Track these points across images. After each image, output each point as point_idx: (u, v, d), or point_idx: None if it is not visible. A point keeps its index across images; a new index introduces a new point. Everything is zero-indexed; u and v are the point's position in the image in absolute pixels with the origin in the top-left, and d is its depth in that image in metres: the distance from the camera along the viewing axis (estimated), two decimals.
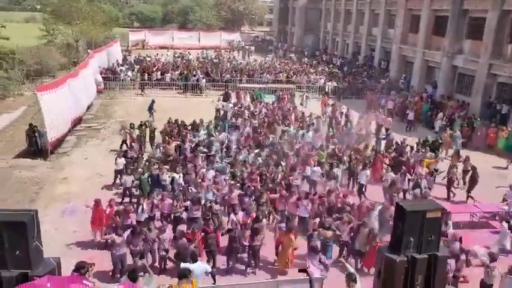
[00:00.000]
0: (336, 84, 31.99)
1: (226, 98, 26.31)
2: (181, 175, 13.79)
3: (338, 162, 15.47)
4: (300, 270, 9.03)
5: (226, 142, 17.53)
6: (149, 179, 13.70)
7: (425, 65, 30.57)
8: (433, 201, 9.79)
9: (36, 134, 17.63)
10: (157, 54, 41.83)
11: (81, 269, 7.65)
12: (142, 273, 7.60)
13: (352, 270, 7.82)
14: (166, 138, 17.58)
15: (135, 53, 44.83)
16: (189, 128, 19.00)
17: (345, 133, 19.64)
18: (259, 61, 40.91)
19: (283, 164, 15.20)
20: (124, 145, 17.91)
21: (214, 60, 40.72)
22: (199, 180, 13.26)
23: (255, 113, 22.10)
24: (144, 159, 15.45)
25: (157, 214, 12.06)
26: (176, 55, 43.18)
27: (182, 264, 8.48)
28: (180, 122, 19.23)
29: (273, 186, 13.22)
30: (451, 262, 9.25)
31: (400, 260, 7.29)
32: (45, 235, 6.74)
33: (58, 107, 18.57)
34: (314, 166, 14.79)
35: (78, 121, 22.37)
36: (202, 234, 10.46)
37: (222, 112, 21.96)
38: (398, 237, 7.42)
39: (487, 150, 20.50)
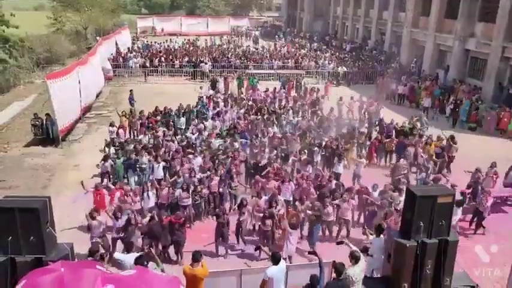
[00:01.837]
0: (345, 70, 31.66)
1: (213, 85, 26.10)
2: (161, 164, 13.58)
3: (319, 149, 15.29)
4: (309, 253, 9.11)
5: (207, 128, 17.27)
6: (125, 163, 13.67)
7: (436, 48, 30.08)
8: (445, 187, 9.75)
9: (48, 123, 17.72)
10: (166, 41, 41.72)
11: (95, 253, 7.79)
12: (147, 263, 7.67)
13: (354, 248, 7.85)
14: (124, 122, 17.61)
15: (144, 40, 44.72)
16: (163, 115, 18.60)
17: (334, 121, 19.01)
18: (267, 47, 40.65)
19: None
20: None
21: (224, 46, 40.53)
22: (178, 167, 13.11)
23: (240, 100, 21.55)
24: (132, 145, 15.06)
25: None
26: (185, 41, 43.01)
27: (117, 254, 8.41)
28: (167, 110, 18.81)
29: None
30: None
31: (410, 244, 7.31)
32: (58, 221, 6.83)
33: (68, 95, 18.72)
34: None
35: (88, 109, 22.52)
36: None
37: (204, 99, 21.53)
38: (408, 222, 7.42)
39: (498, 135, 20.27)
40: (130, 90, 22.75)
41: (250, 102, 21.24)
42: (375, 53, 37.73)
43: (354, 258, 7.44)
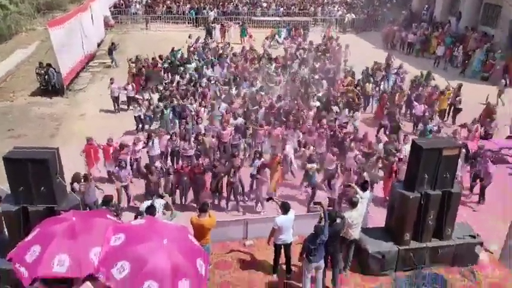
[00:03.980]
0: (354, 17, 30.65)
1: (208, 33, 25.41)
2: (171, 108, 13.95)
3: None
4: (315, 203, 9.30)
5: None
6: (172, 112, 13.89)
7: None
8: (451, 139, 9.74)
9: (51, 73, 17.50)
10: None
11: (108, 202, 7.96)
12: (164, 211, 7.86)
13: (360, 193, 8.00)
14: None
15: None
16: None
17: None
18: None
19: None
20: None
21: None
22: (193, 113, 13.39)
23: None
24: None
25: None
26: None
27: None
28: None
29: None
30: None
31: (414, 196, 7.43)
32: (66, 172, 6.93)
33: (70, 42, 18.47)
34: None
35: (91, 57, 22.21)
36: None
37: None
38: (413, 174, 7.50)
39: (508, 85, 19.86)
40: (113, 43, 22.26)
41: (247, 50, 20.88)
42: None
43: (352, 203, 7.65)
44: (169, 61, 18.80)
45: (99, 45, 24.48)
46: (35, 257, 4.89)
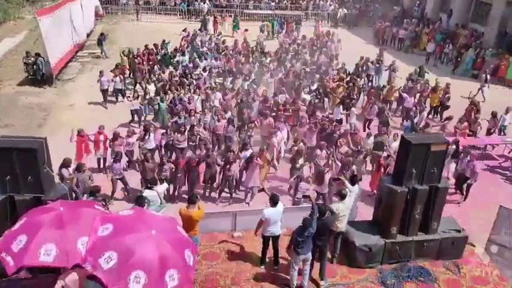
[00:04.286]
0: (346, 11, 30.67)
1: (204, 25, 25.24)
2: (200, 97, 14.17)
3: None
4: (304, 197, 9.37)
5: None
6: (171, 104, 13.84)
7: None
8: (439, 135, 9.85)
9: (39, 62, 17.20)
10: None
11: (95, 192, 7.93)
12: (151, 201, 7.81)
13: (349, 187, 8.08)
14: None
15: None
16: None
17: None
18: None
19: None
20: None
21: None
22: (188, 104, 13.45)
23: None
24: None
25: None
26: None
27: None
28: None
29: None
30: None
31: (402, 190, 7.52)
32: (54, 161, 6.88)
33: (59, 31, 18.23)
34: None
35: (80, 47, 21.94)
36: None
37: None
38: (401, 169, 7.58)
39: (496, 83, 20.08)
40: (102, 33, 21.93)
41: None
42: None
43: (341, 196, 7.78)
44: (162, 53, 18.65)
45: (88, 35, 24.18)
46: (21, 246, 4.89)
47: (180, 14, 29.87)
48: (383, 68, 18.44)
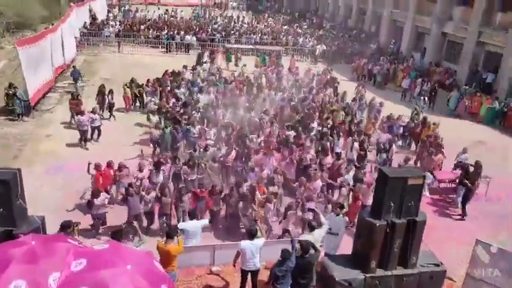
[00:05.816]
0: (324, 48, 31.54)
1: (199, 59, 25.44)
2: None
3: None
4: (284, 231, 9.32)
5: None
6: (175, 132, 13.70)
7: (415, 30, 30.34)
8: (415, 169, 10.01)
9: (18, 95, 16.83)
10: (143, 10, 40.59)
11: (67, 228, 7.67)
12: (131, 237, 7.65)
13: (322, 219, 8.13)
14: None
15: (126, 5, 43.34)
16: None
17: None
18: (248, 20, 40.11)
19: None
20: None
21: (203, 20, 39.66)
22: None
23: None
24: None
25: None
26: (165, 13, 41.80)
27: (180, 224, 8.65)
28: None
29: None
30: None
31: (380, 224, 7.53)
32: (31, 193, 6.70)
33: (39, 62, 18.13)
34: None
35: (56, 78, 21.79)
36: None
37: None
38: (379, 202, 7.62)
39: (469, 118, 20.69)
40: (73, 66, 21.81)
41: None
42: (355, 32, 37.65)
43: (310, 227, 7.99)
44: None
45: (68, 66, 24.12)
46: None
47: (162, 47, 30.22)
48: (364, 104, 18.77)
